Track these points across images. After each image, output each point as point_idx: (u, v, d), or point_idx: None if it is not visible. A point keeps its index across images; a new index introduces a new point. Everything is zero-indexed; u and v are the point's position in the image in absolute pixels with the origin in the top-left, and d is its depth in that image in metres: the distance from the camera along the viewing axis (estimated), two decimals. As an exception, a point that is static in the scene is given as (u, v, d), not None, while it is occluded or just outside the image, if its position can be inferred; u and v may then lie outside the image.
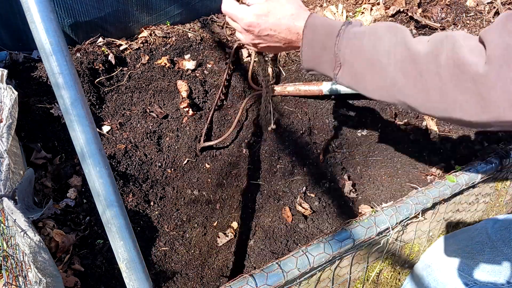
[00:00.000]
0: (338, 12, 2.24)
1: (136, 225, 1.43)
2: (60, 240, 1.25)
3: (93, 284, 1.28)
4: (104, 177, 0.85)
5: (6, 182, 1.13)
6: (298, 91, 1.82)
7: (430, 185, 1.45)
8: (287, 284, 1.12)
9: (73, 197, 1.41)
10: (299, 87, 1.82)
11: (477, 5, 2.48)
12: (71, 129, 0.83)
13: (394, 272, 1.70)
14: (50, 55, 0.79)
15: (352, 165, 1.85)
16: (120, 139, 1.60)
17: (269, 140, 1.78)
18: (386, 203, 1.59)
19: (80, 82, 1.02)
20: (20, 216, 1.04)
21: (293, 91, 1.83)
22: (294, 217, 1.60)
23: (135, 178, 1.54)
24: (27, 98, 1.53)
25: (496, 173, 1.61)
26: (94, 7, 1.69)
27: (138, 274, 0.89)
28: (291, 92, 1.83)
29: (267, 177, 1.70)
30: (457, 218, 1.76)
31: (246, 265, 1.47)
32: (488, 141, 1.92)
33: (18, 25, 1.60)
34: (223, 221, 1.57)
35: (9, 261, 1.02)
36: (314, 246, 1.17)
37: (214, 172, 1.67)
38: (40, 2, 0.77)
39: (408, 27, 2.23)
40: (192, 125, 1.73)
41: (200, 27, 2.01)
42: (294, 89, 1.82)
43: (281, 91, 1.84)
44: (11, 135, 1.24)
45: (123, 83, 1.71)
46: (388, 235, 1.35)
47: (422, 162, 1.89)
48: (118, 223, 0.86)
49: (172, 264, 1.40)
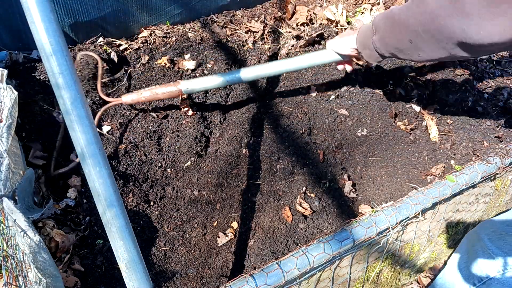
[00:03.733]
0: (338, 12, 2.24)
1: (136, 225, 1.43)
2: (60, 240, 1.25)
3: (93, 284, 1.28)
4: (104, 177, 0.85)
5: (6, 182, 1.13)
6: (156, 94, 1.60)
7: (430, 185, 1.45)
8: (287, 284, 1.12)
9: (73, 197, 1.41)
10: (155, 90, 1.60)
11: (477, 5, 2.48)
12: (71, 129, 0.83)
13: (394, 272, 1.70)
14: (50, 55, 0.79)
15: (352, 165, 1.85)
16: (120, 139, 1.60)
17: (269, 140, 1.78)
18: (386, 203, 1.59)
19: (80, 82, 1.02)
20: (20, 216, 1.05)
21: (149, 96, 1.60)
22: (294, 217, 1.60)
23: (135, 178, 1.54)
24: (27, 98, 1.53)
25: (496, 173, 1.61)
26: (94, 7, 1.69)
27: (138, 274, 0.89)
28: (147, 97, 1.60)
29: (267, 177, 1.70)
30: (457, 218, 1.76)
31: (246, 265, 1.47)
32: (488, 141, 1.92)
33: (18, 25, 1.60)
34: (223, 221, 1.57)
35: (9, 261, 1.02)
36: (314, 246, 1.17)
37: (214, 172, 1.67)
38: (40, 2, 0.77)
39: (408, 27, 2.23)
40: (192, 125, 1.73)
41: (200, 27, 2.01)
42: (150, 93, 1.59)
43: (137, 99, 1.59)
44: (11, 135, 1.24)
45: (123, 83, 1.71)
46: (388, 235, 1.35)
47: (422, 162, 1.89)
48: (118, 223, 0.86)
49: (172, 264, 1.41)
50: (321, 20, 2.25)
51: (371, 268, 1.55)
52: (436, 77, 2.09)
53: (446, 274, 1.73)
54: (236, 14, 2.17)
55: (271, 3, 2.28)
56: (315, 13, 2.28)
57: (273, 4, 2.27)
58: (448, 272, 1.73)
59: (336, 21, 2.22)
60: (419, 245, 1.66)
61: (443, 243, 1.87)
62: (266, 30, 2.11)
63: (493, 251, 1.54)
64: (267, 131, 1.81)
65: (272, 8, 2.26)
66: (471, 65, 2.16)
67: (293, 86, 1.97)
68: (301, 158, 1.77)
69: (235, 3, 2.17)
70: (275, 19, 2.19)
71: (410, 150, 1.93)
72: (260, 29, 2.09)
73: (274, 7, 2.26)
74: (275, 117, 1.85)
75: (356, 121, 1.93)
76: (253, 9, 2.24)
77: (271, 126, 1.82)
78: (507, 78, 2.20)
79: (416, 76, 2.07)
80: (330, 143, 1.85)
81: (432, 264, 1.93)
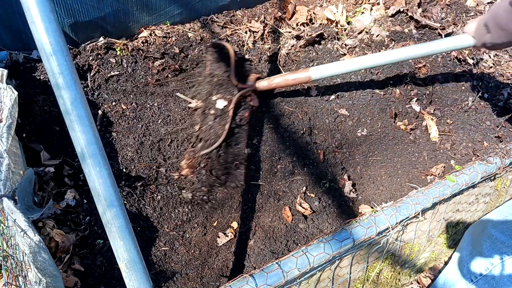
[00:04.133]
0: (338, 12, 2.24)
1: (136, 225, 1.43)
2: (60, 240, 1.25)
3: (93, 284, 1.28)
4: (104, 177, 0.85)
5: (6, 182, 1.13)
6: (286, 81, 1.73)
7: (430, 185, 1.45)
8: (287, 284, 1.12)
9: (73, 197, 1.41)
10: (286, 77, 1.73)
11: (477, 5, 2.48)
12: (71, 129, 0.83)
13: (394, 272, 1.70)
14: (50, 55, 0.79)
15: (352, 165, 1.85)
16: (120, 138, 1.60)
17: (270, 140, 1.78)
18: (386, 203, 1.59)
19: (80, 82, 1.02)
20: (20, 216, 1.05)
21: (281, 82, 1.74)
22: (294, 217, 1.60)
23: (135, 178, 1.54)
24: (27, 98, 1.53)
25: (496, 173, 1.61)
26: (94, 7, 1.69)
27: (138, 274, 0.89)
28: (279, 83, 1.74)
29: (268, 177, 1.70)
30: (457, 218, 1.76)
31: (246, 265, 1.47)
32: (488, 141, 1.92)
33: (18, 25, 1.60)
34: (223, 221, 1.57)
35: (9, 261, 1.02)
36: (314, 246, 1.17)
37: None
38: (40, 2, 0.77)
39: (408, 27, 2.23)
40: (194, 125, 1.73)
41: (200, 27, 2.01)
42: (281, 80, 1.73)
43: (268, 85, 1.75)
44: (11, 135, 1.24)
45: (123, 83, 1.71)
46: (388, 235, 1.35)
47: (422, 162, 1.89)
48: (118, 223, 0.86)
49: (172, 264, 1.41)
50: (321, 20, 2.25)
51: (371, 268, 1.55)
52: (436, 77, 2.09)
53: (451, 266, 1.75)
54: (236, 14, 2.17)
55: (271, 3, 2.28)
56: (315, 13, 2.28)
57: (273, 4, 2.27)
58: (452, 264, 1.74)
59: (336, 21, 2.22)
60: (419, 245, 1.66)
61: (443, 243, 1.87)
62: (266, 30, 2.11)
63: (497, 237, 1.57)
64: (268, 131, 1.81)
65: (272, 8, 2.26)
66: (471, 65, 2.15)
67: (294, 86, 1.97)
68: (301, 158, 1.77)
69: (235, 3, 2.17)
70: (275, 19, 2.19)
71: (410, 150, 1.93)
72: (260, 29, 2.09)
73: (274, 7, 2.26)
74: (275, 117, 1.85)
75: (356, 121, 1.93)
76: (253, 9, 2.24)
77: (272, 126, 1.82)
78: (507, 78, 2.20)
79: (416, 76, 2.07)
80: (330, 143, 1.85)
81: (432, 264, 1.93)
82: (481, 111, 2.04)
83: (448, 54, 2.15)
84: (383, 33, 2.18)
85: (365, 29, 2.22)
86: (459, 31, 2.20)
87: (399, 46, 2.15)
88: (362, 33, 2.21)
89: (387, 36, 2.16)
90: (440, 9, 2.35)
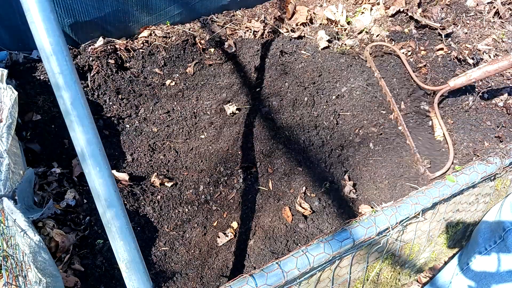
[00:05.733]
0: (338, 12, 2.24)
1: (136, 225, 1.43)
2: (60, 240, 1.25)
3: (93, 284, 1.28)
4: (104, 177, 0.85)
5: (6, 182, 1.13)
6: (487, 73, 1.69)
7: (430, 185, 1.45)
8: (287, 284, 1.12)
9: (73, 197, 1.41)
10: (485, 68, 1.69)
11: (477, 5, 2.48)
12: (71, 129, 0.83)
13: (394, 272, 1.70)
14: (50, 55, 0.79)
15: (352, 165, 1.85)
16: (123, 138, 1.60)
17: (270, 140, 1.78)
18: (386, 203, 1.59)
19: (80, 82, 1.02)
20: (20, 216, 1.05)
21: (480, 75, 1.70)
22: (294, 217, 1.60)
23: (135, 178, 1.54)
24: (27, 98, 1.53)
25: (496, 173, 1.61)
26: (94, 7, 1.69)
27: (138, 274, 0.89)
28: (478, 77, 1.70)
29: (268, 177, 1.70)
30: (457, 218, 1.76)
31: (246, 265, 1.47)
32: (488, 141, 1.92)
33: (18, 25, 1.60)
34: (223, 221, 1.57)
35: (9, 261, 1.02)
36: (314, 246, 1.16)
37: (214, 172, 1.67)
38: (40, 2, 0.77)
39: (408, 27, 2.23)
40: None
41: (200, 27, 2.01)
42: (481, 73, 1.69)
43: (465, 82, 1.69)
44: (11, 135, 1.24)
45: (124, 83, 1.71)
46: (388, 235, 1.35)
47: (422, 162, 1.89)
48: (118, 223, 0.86)
49: (172, 264, 1.40)
50: (321, 20, 2.25)
51: (371, 268, 1.55)
52: (437, 77, 2.09)
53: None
54: (236, 14, 2.17)
55: (271, 3, 2.28)
56: (315, 13, 2.28)
57: (273, 4, 2.27)
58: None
59: (336, 21, 2.22)
60: (419, 245, 1.66)
61: (443, 243, 1.87)
62: (266, 29, 2.11)
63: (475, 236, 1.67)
64: (268, 131, 1.80)
65: (272, 8, 2.26)
66: (471, 65, 2.15)
67: (294, 85, 1.97)
68: (301, 158, 1.77)
69: (235, 3, 2.17)
70: (275, 19, 2.19)
71: (410, 150, 1.92)
72: (260, 29, 2.09)
73: (274, 7, 2.26)
74: (275, 117, 1.85)
75: (356, 121, 1.93)
76: (253, 9, 2.24)
77: (272, 125, 1.82)
78: (507, 78, 2.20)
79: (416, 76, 2.07)
80: (330, 143, 1.85)
81: (432, 264, 1.93)
82: (482, 111, 2.04)
83: (448, 54, 2.15)
84: (383, 33, 2.18)
85: (365, 29, 2.22)
86: (459, 31, 2.20)
87: (399, 46, 2.15)
88: (362, 33, 2.21)
89: (387, 36, 2.16)
90: (440, 9, 2.35)
